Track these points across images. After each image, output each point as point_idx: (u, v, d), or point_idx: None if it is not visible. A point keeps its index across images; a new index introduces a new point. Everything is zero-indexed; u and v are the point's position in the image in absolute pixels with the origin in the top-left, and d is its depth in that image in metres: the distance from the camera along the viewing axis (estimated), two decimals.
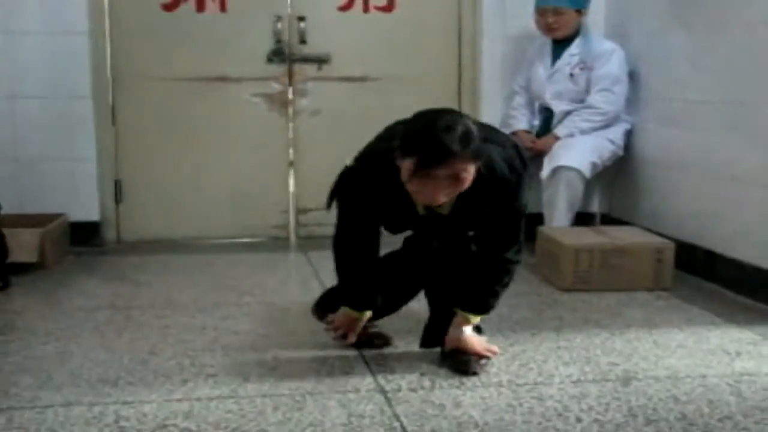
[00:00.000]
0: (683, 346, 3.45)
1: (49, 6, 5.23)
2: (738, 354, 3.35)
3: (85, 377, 3.07)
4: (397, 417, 2.72)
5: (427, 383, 3.00)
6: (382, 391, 2.93)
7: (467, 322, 3.20)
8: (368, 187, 3.05)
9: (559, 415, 2.73)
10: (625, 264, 4.39)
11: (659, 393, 2.94)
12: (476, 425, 2.65)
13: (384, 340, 3.42)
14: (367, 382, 3.02)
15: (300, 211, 5.74)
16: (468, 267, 3.16)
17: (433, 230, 3.19)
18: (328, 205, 3.20)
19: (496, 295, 3.19)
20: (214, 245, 5.48)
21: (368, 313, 3.30)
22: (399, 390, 2.94)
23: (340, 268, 3.30)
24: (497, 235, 3.10)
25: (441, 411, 2.76)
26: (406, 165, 2.77)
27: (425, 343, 3.35)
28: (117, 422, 2.67)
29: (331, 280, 4.46)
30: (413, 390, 2.94)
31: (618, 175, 5.52)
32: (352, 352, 3.31)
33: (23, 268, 4.62)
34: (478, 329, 3.30)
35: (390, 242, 3.33)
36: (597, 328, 3.70)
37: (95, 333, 3.62)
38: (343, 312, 3.31)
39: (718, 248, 4.47)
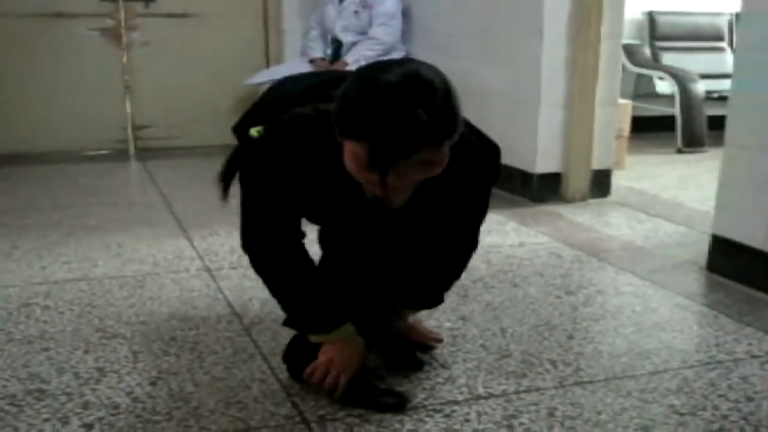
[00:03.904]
0: None
1: None
2: (489, 231, 3.52)
3: None
4: (220, 290, 2.76)
5: (245, 262, 3.03)
6: (208, 270, 2.96)
7: (408, 314, 2.23)
8: (292, 167, 1.80)
9: None
10: None
11: None
12: None
13: (399, 399, 1.95)
14: (195, 263, 3.05)
15: (136, 127, 5.63)
16: (419, 261, 2.07)
17: (381, 220, 1.95)
18: (224, 192, 1.91)
19: (452, 284, 2.19)
20: (65, 157, 5.31)
21: (351, 332, 1.98)
22: (222, 269, 2.98)
23: (274, 286, 1.99)
24: (464, 222, 2.03)
25: (256, 283, 2.78)
26: (354, 151, 1.62)
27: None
28: None
29: (166, 184, 4.46)
30: (234, 268, 2.98)
31: None
32: (184, 243, 3.32)
33: None
34: None
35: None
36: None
37: None
38: (323, 353, 1.96)
39: None
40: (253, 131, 1.83)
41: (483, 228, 2.10)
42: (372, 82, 1.60)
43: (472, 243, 2.09)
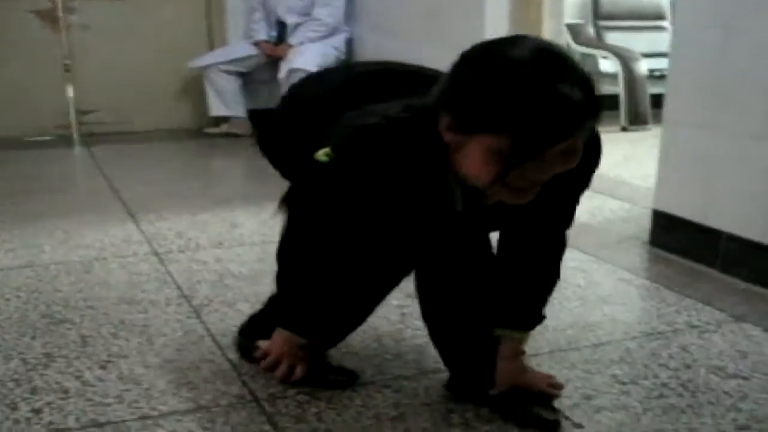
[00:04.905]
0: None
1: None
2: None
3: None
4: (169, 273, 2.77)
5: (193, 245, 3.06)
6: (156, 254, 2.97)
7: (519, 347, 1.86)
8: (374, 188, 1.61)
9: None
10: None
11: None
12: (233, 275, 2.74)
13: (348, 377, 1.99)
14: (143, 248, 3.05)
15: (80, 112, 5.57)
16: (503, 267, 1.83)
17: (469, 231, 1.81)
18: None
19: (549, 291, 1.86)
20: (5, 144, 5.20)
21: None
22: (170, 252, 2.99)
23: (300, 285, 1.79)
24: (557, 214, 1.78)
25: (205, 266, 2.83)
26: (490, 146, 1.41)
27: (454, 386, 1.94)
28: None
29: (112, 169, 4.44)
30: (182, 252, 3.00)
31: None
32: (131, 227, 3.32)
33: None
34: None
35: None
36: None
37: None
38: (281, 336, 1.89)
39: None
40: (321, 155, 1.61)
41: None
42: (502, 61, 1.39)
43: (567, 227, 1.81)
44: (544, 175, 1.45)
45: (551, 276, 1.84)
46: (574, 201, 1.77)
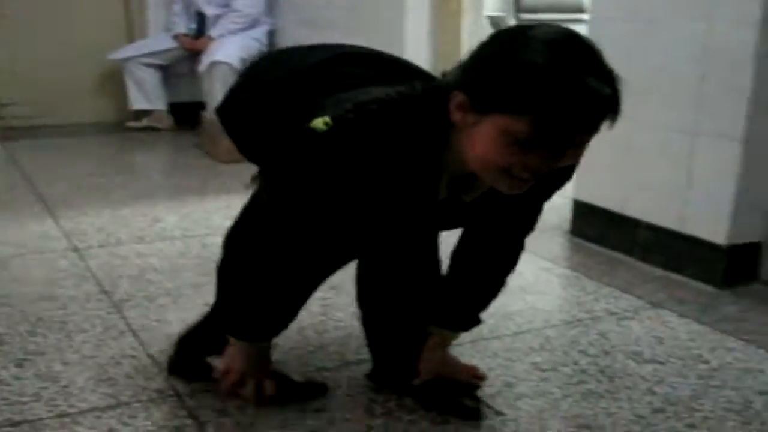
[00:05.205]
0: None
1: None
2: None
3: None
4: (89, 269, 2.73)
5: (113, 240, 3.02)
6: (76, 250, 2.92)
7: (446, 341, 1.88)
8: (367, 167, 1.48)
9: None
10: None
11: None
12: (155, 269, 2.71)
13: (319, 389, 1.90)
14: (62, 243, 3.00)
15: None
16: (456, 266, 1.81)
17: (435, 224, 1.74)
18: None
19: (494, 297, 1.85)
20: None
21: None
22: (90, 247, 2.95)
23: (251, 276, 1.69)
24: (524, 217, 1.75)
25: (125, 261, 2.80)
26: (505, 128, 1.35)
27: (376, 376, 1.95)
28: None
29: (29, 165, 4.35)
30: (102, 247, 2.95)
31: None
32: (50, 223, 3.27)
33: None
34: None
35: None
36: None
37: None
38: (237, 349, 1.76)
39: None
40: (319, 123, 1.47)
41: None
42: (531, 43, 1.34)
43: (528, 231, 1.78)
44: (548, 166, 1.40)
45: (499, 282, 1.83)
46: (542, 205, 1.74)
